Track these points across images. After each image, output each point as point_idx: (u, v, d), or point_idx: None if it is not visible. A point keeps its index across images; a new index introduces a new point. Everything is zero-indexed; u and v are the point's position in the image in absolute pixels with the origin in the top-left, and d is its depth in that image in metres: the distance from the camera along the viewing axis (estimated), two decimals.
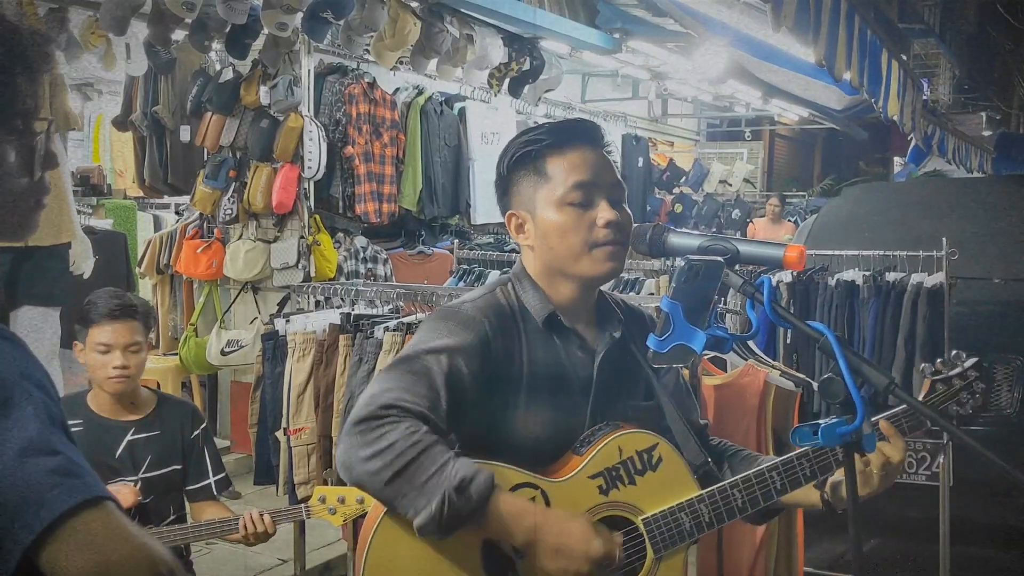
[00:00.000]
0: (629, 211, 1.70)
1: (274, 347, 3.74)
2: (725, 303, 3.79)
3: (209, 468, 2.79)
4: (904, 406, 1.68)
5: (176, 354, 5.67)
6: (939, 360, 1.72)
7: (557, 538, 1.49)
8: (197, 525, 2.59)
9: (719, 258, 1.52)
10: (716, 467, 1.78)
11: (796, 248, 1.55)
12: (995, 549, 4.41)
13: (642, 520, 1.63)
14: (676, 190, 10.03)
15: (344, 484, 2.70)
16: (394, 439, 1.44)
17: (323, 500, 2.59)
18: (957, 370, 1.69)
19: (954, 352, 1.73)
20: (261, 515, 2.53)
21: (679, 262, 1.53)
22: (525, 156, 1.68)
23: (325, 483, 3.45)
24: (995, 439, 1.52)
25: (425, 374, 1.53)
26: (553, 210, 1.64)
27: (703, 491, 1.65)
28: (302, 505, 2.64)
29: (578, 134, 1.69)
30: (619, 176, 1.72)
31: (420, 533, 1.46)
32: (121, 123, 6.04)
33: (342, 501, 2.57)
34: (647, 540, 1.62)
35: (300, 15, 4.69)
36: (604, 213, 1.63)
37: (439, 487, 1.43)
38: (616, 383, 1.73)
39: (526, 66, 6.15)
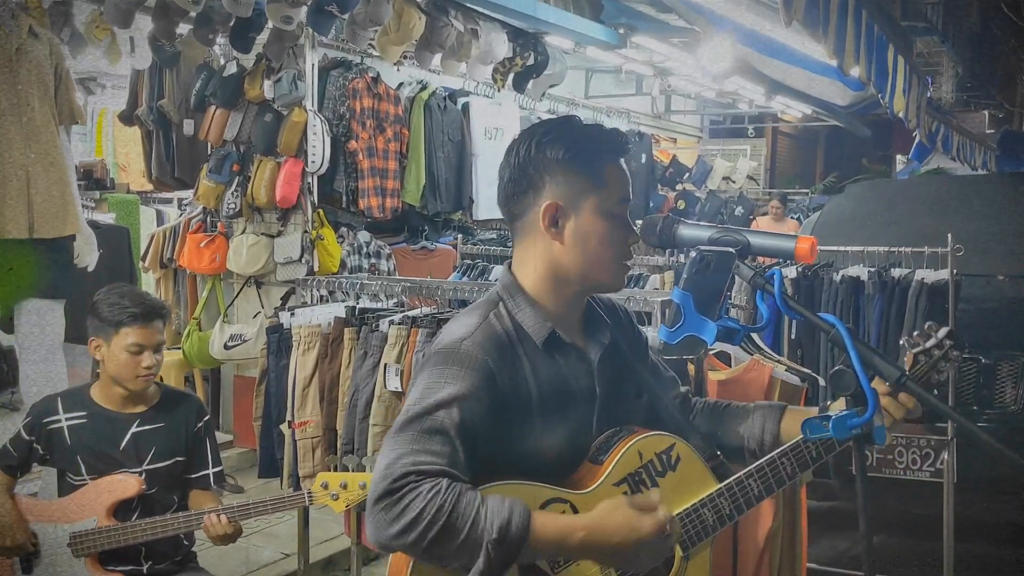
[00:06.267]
0: None
1: (279, 340, 3.73)
2: (731, 297, 3.78)
3: (208, 460, 2.81)
4: None
5: (179, 348, 5.67)
6: (916, 333, 1.77)
7: (608, 541, 1.47)
8: (165, 520, 2.60)
9: (731, 249, 1.52)
10: (711, 434, 1.82)
11: (807, 240, 1.54)
12: (998, 546, 4.41)
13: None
14: (679, 187, 10.01)
15: (347, 470, 2.71)
16: (419, 508, 1.39)
17: (325, 486, 2.59)
18: (932, 341, 1.73)
19: (927, 324, 1.77)
20: (219, 517, 2.56)
21: (690, 253, 1.53)
22: (588, 154, 1.62)
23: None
24: (998, 435, 1.52)
25: (438, 431, 1.47)
26: (602, 217, 1.61)
27: (721, 485, 1.67)
28: (304, 491, 2.64)
29: (625, 147, 1.68)
30: None
31: None
32: (127, 118, 6.04)
33: (344, 487, 2.57)
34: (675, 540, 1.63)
35: (305, 9, 4.68)
36: (633, 233, 1.64)
37: (479, 541, 1.40)
38: (615, 386, 1.73)
39: (530, 61, 6.14)
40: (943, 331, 1.73)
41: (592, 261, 1.62)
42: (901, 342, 1.74)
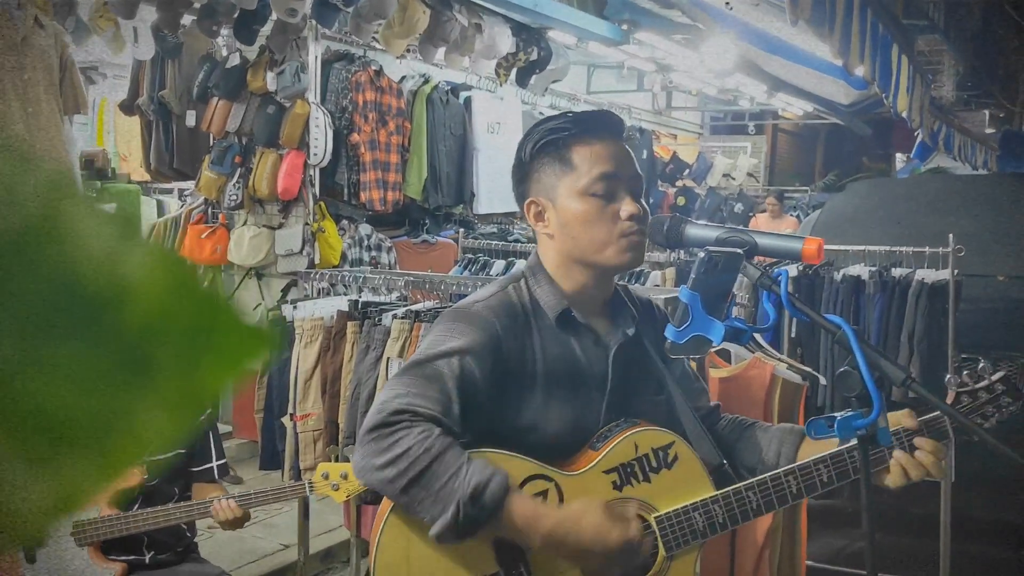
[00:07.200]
0: (647, 205, 1.69)
1: (281, 333, 3.74)
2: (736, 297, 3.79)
3: (212, 452, 2.82)
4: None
5: None
6: (966, 372, 1.71)
7: (575, 540, 1.48)
8: (170, 508, 2.61)
9: (739, 250, 1.52)
10: (729, 450, 1.79)
11: (815, 241, 1.55)
12: (996, 546, 4.42)
13: (655, 518, 1.62)
14: (679, 183, 10.02)
15: (348, 461, 2.72)
16: (408, 446, 1.43)
17: (326, 476, 2.59)
18: (984, 383, 1.67)
19: (981, 365, 1.71)
20: (228, 501, 2.57)
21: (698, 253, 1.54)
22: (550, 144, 1.66)
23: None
24: (997, 437, 1.52)
25: (437, 378, 1.52)
26: (576, 200, 1.63)
27: (718, 492, 1.63)
28: (305, 481, 2.65)
29: (604, 125, 1.68)
30: (639, 170, 1.72)
31: (437, 541, 1.46)
32: (128, 107, 6.03)
33: (345, 477, 2.58)
34: (659, 538, 1.62)
35: (310, 1, 4.68)
36: (627, 206, 1.63)
37: (453, 494, 1.42)
38: (630, 378, 1.72)
39: (533, 56, 6.14)
40: (998, 375, 1.66)
41: (581, 245, 1.64)
42: (947, 379, 1.71)
